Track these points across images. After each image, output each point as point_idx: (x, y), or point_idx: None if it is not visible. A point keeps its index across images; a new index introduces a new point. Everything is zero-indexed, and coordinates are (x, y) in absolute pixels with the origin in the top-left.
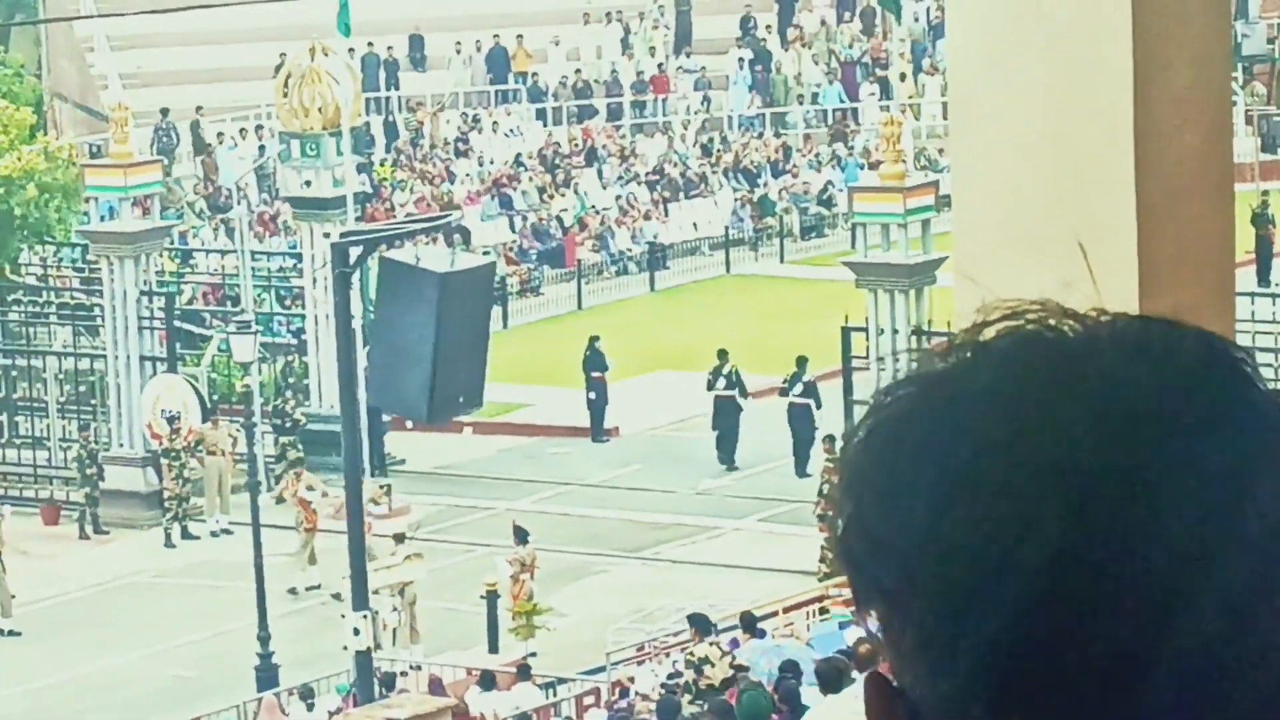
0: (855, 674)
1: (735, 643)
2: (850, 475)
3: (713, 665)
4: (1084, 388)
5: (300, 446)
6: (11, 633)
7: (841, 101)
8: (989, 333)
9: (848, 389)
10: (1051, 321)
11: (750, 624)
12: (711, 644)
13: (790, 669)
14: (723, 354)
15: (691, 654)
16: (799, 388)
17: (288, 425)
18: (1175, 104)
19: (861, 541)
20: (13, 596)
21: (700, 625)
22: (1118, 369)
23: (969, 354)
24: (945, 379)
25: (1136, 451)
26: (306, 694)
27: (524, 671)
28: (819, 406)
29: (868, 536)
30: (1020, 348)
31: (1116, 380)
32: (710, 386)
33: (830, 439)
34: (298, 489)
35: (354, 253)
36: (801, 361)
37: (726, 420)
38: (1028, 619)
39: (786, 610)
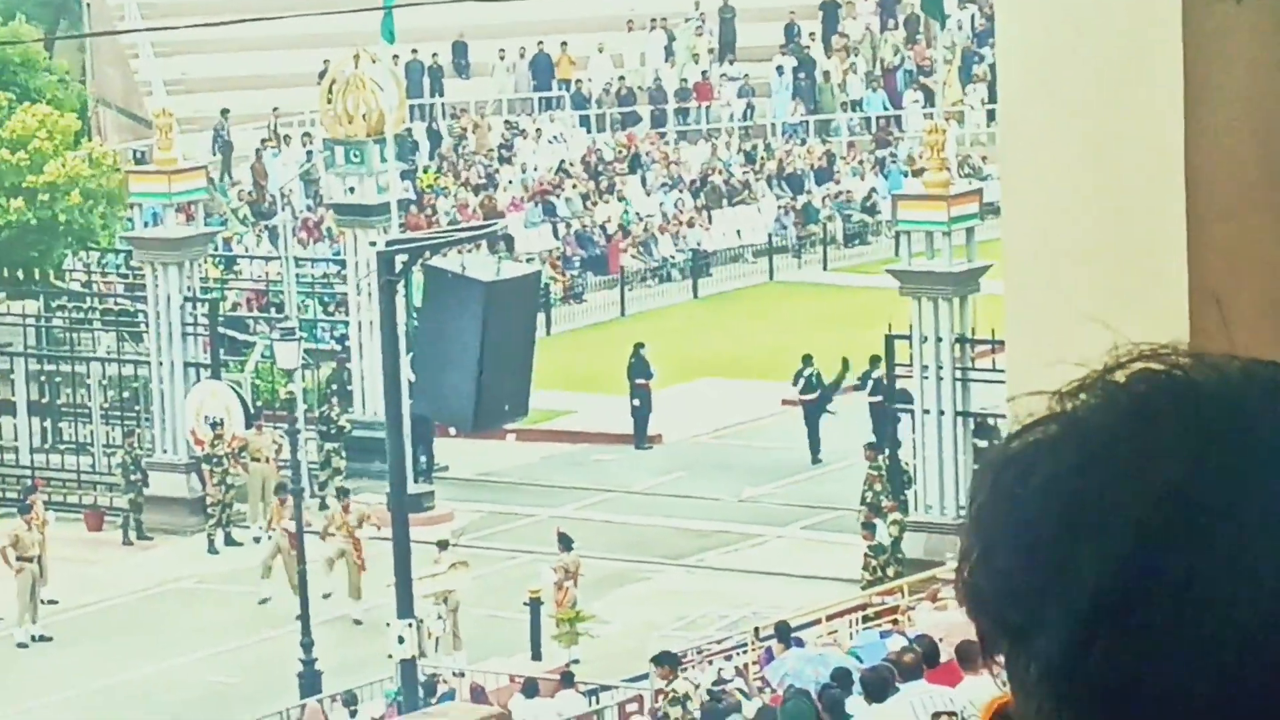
0: (900, 684)
1: (770, 653)
2: (977, 517)
3: (692, 700)
4: (1214, 428)
5: (344, 453)
6: (42, 637)
7: (885, 108)
8: (1119, 375)
9: (892, 397)
10: (1183, 364)
11: (785, 634)
12: (684, 678)
13: (840, 678)
14: (807, 358)
15: (673, 690)
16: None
17: (332, 432)
18: (1226, 115)
19: (990, 580)
20: (54, 601)
21: (669, 662)
22: (1248, 410)
23: (1100, 395)
24: (1074, 421)
25: (1265, 487)
26: (350, 700)
27: (567, 679)
28: (890, 401)
29: (996, 574)
30: (1152, 390)
31: (1246, 420)
32: (798, 388)
33: (873, 446)
34: (346, 521)
35: (399, 261)
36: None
37: (812, 421)
38: (1154, 650)
39: (829, 618)
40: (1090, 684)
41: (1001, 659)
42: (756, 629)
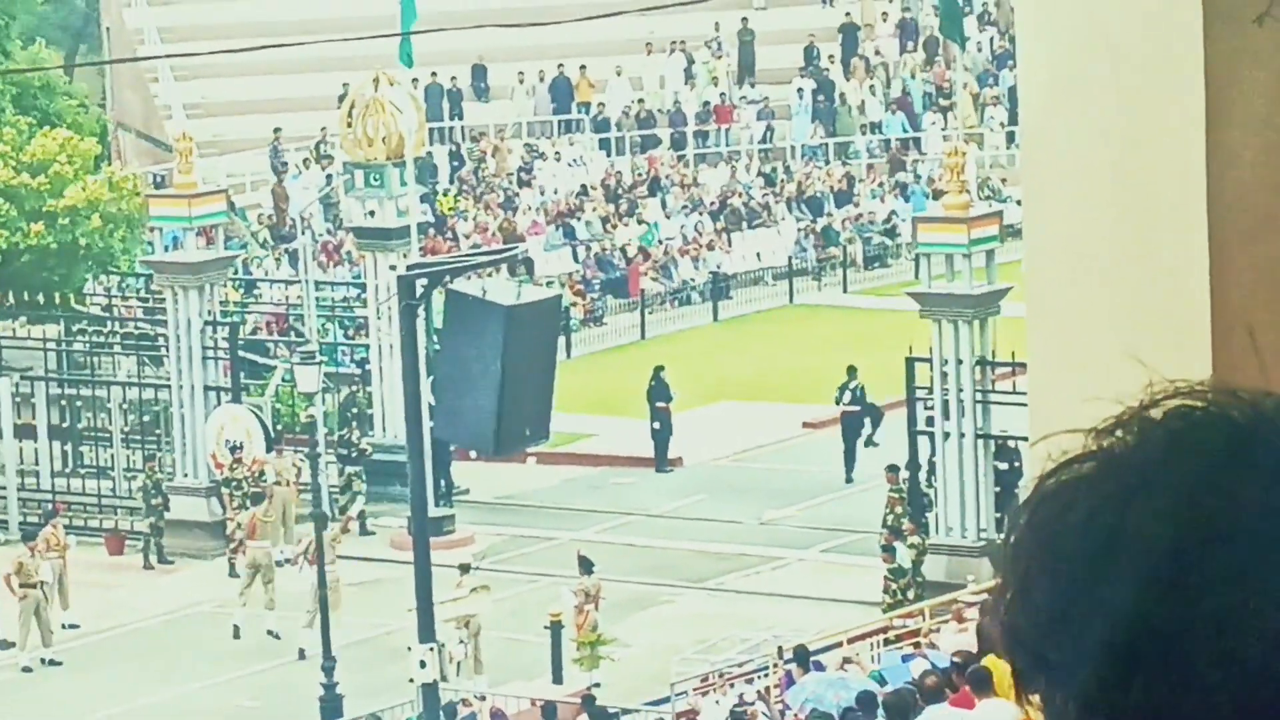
0: (923, 705)
1: (790, 677)
2: (1015, 554)
3: None
4: (1251, 462)
5: (364, 477)
6: (51, 662)
7: (905, 131)
8: (1155, 412)
9: (912, 420)
10: (1218, 399)
11: (803, 658)
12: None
13: (864, 702)
14: (851, 370)
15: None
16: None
17: (353, 455)
18: (1247, 139)
19: (1027, 617)
20: (75, 626)
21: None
22: None
23: (1136, 433)
24: (1112, 458)
25: None
26: None
27: (588, 702)
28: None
29: (1034, 611)
30: (1189, 426)
31: None
32: (838, 402)
33: (894, 469)
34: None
35: (420, 285)
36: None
37: (850, 436)
38: (1194, 685)
39: (850, 641)
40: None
41: (1037, 697)
42: (780, 649)
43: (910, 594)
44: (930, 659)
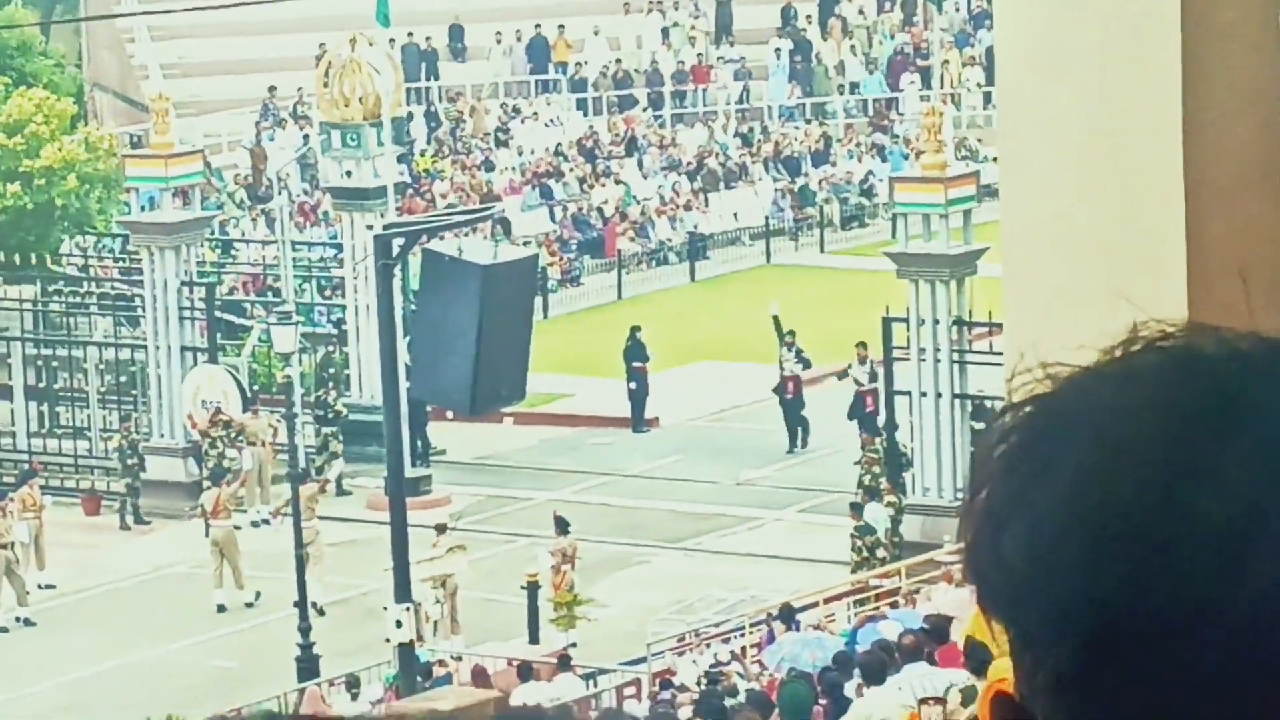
0: (901, 664)
1: (771, 635)
2: (992, 502)
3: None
4: (1242, 425)
5: (341, 437)
6: (26, 621)
7: (882, 91)
8: (1135, 352)
9: (889, 380)
10: (1199, 343)
11: (788, 616)
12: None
13: (841, 661)
14: (789, 334)
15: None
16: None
17: (329, 416)
18: (1225, 98)
19: (1002, 581)
20: (51, 586)
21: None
22: (1268, 395)
23: (1118, 377)
24: (1095, 404)
25: None
26: (353, 684)
27: (564, 662)
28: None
29: (1010, 577)
30: (1170, 365)
31: (1271, 409)
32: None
33: (867, 429)
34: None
35: (396, 245)
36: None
37: (794, 407)
38: (1180, 654)
39: (827, 601)
40: (1110, 701)
41: (1009, 645)
42: (769, 613)
43: (880, 553)
44: (902, 622)
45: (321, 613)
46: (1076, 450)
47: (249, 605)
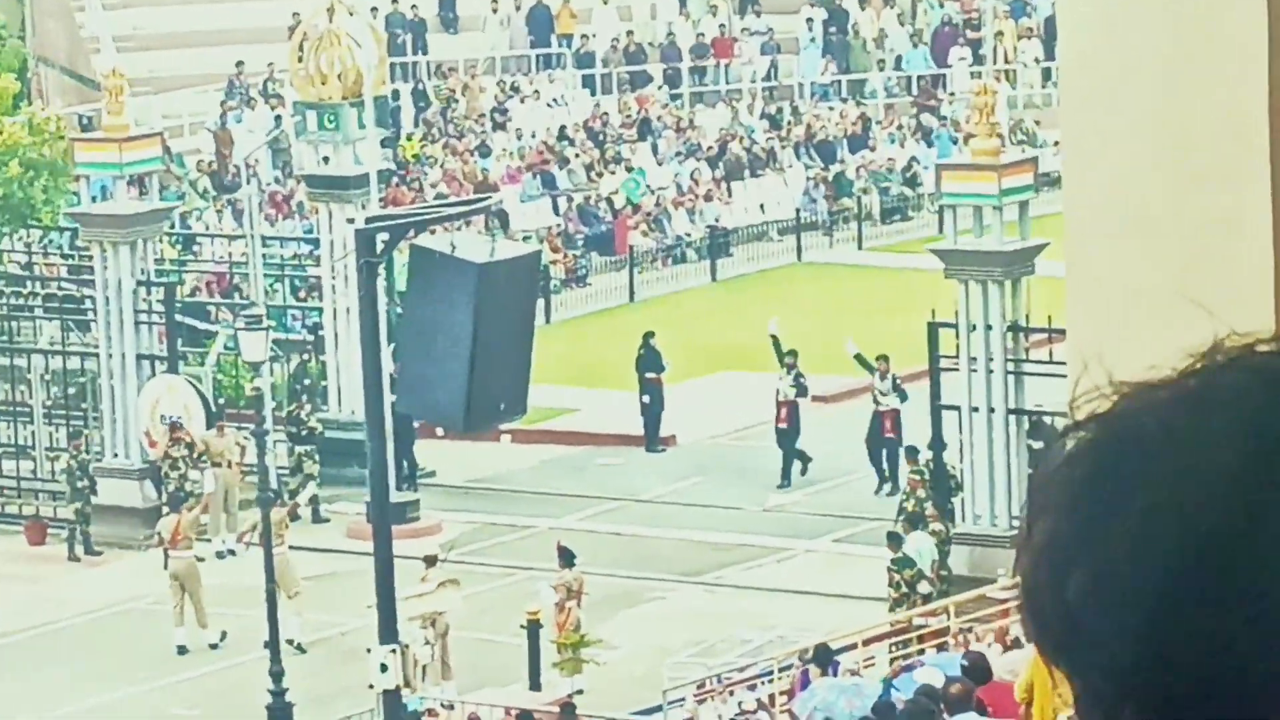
0: (946, 717)
1: (805, 680)
2: (1055, 538)
3: None
4: None
5: (317, 457)
6: None
7: (928, 67)
8: (1218, 372)
9: (935, 393)
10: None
11: (824, 658)
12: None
13: (883, 711)
14: (791, 354)
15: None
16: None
17: (304, 433)
18: None
19: (1065, 630)
20: None
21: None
22: None
23: (1196, 376)
24: (1170, 429)
25: None
26: None
27: (568, 711)
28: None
29: (1074, 625)
30: (1253, 372)
31: None
32: (780, 395)
33: (913, 451)
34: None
35: (380, 240)
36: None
37: (789, 437)
38: (1257, 662)
39: (866, 642)
40: None
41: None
42: (801, 656)
43: (921, 588)
44: (942, 665)
45: (302, 650)
46: (1150, 484)
47: (213, 646)
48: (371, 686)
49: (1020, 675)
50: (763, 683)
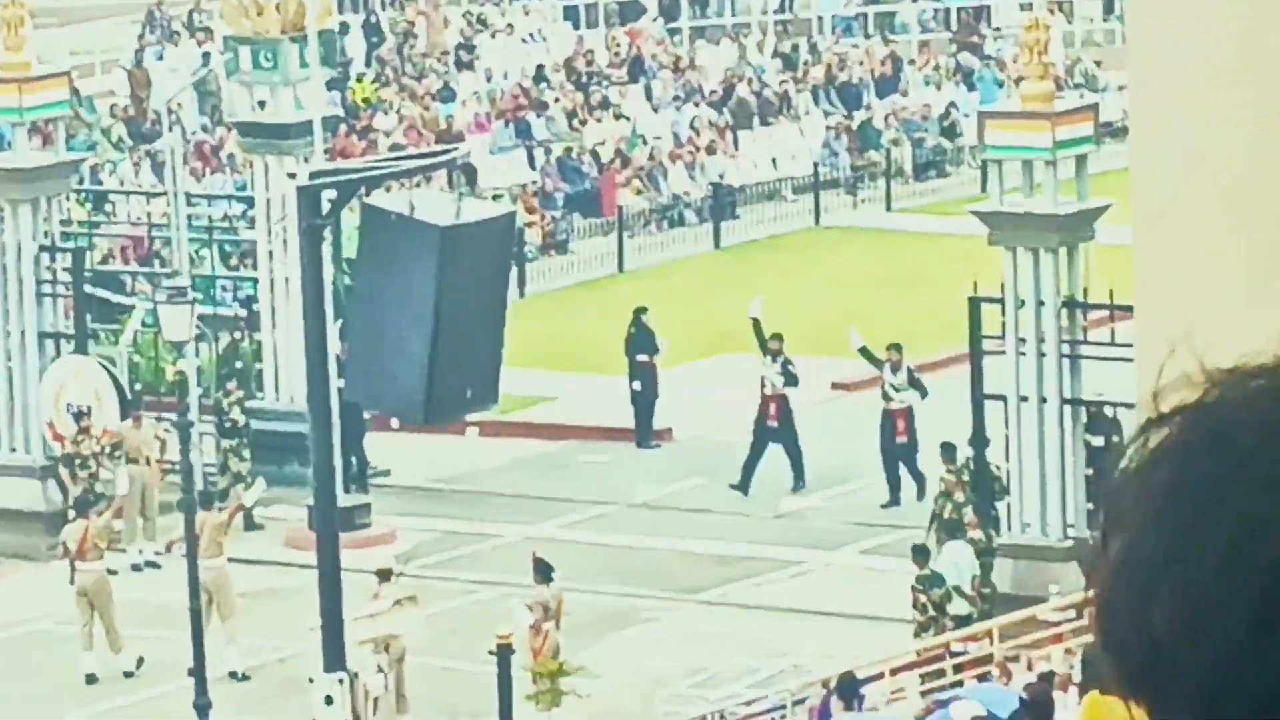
0: None
1: (826, 714)
2: (1136, 555)
3: None
4: None
5: (246, 454)
6: None
7: None
8: None
9: (976, 380)
10: None
11: (849, 689)
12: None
13: None
14: (775, 338)
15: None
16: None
17: (235, 425)
18: None
19: (1148, 659)
20: None
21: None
22: None
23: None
24: (1270, 426)
25: None
26: None
27: None
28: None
29: (1157, 654)
30: None
31: None
32: (765, 384)
33: (950, 449)
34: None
35: (326, 199)
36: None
37: (776, 437)
38: None
39: (894, 672)
40: None
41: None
42: (826, 683)
43: (951, 608)
44: (983, 699)
45: (245, 678)
46: (1247, 492)
47: (129, 675)
48: None
49: None
50: (773, 719)
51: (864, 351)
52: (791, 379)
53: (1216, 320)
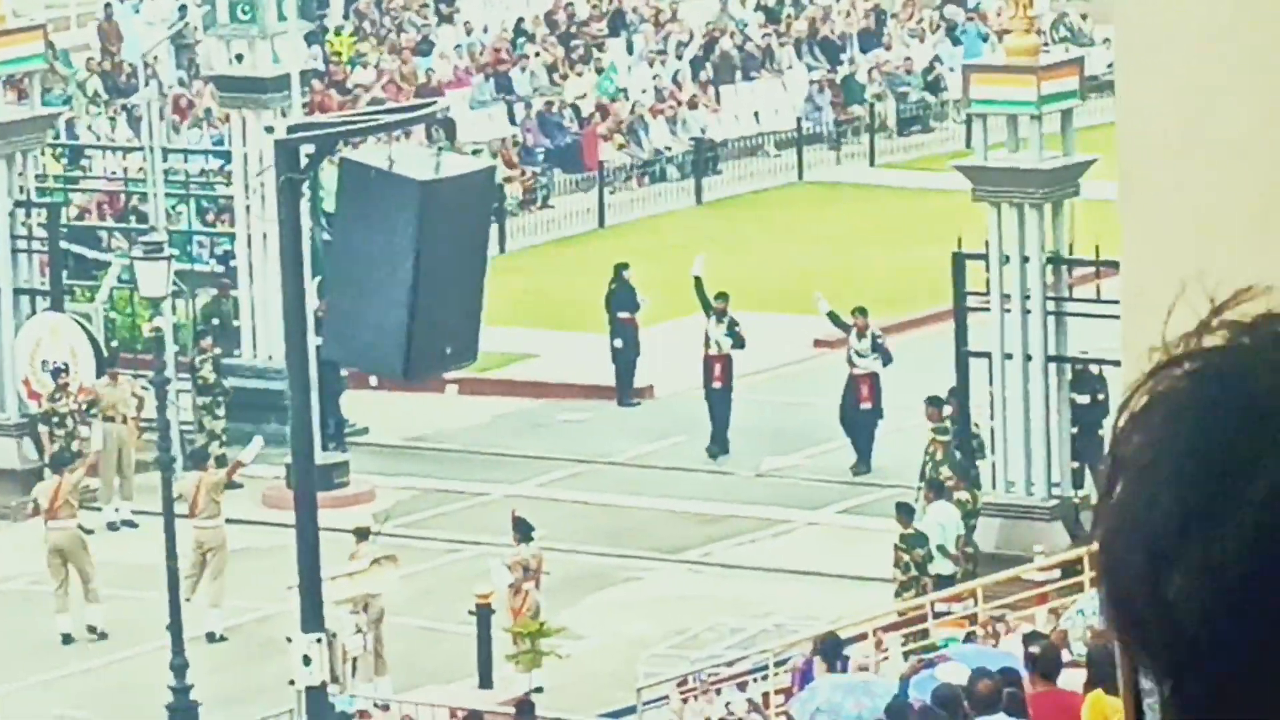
0: (972, 715)
1: (809, 674)
2: (1152, 523)
3: None
4: None
5: (221, 412)
6: None
7: None
8: None
9: (961, 337)
10: None
11: (832, 651)
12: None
13: (897, 712)
14: (719, 298)
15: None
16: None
17: (212, 382)
18: None
19: (1166, 634)
20: None
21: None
22: None
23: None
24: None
25: None
26: None
27: (526, 711)
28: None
29: (1177, 630)
30: None
31: None
32: (709, 343)
33: (936, 402)
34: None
35: (305, 153)
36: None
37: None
38: None
39: (879, 631)
40: None
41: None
42: (815, 641)
43: (932, 569)
44: (966, 660)
45: (221, 639)
46: (1275, 451)
47: (100, 636)
48: (292, 683)
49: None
50: (755, 680)
51: (831, 316)
52: (738, 341)
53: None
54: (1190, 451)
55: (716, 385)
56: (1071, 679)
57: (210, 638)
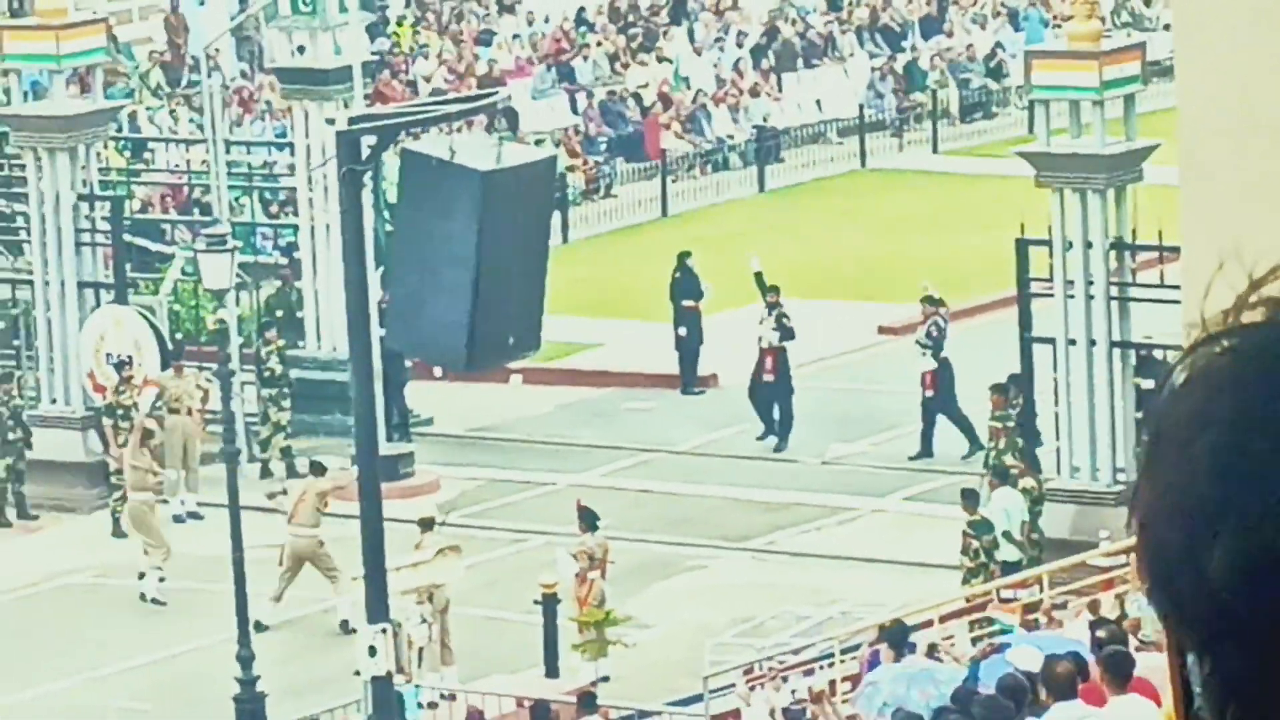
0: (1048, 700)
1: (876, 661)
2: (1191, 500)
3: None
4: None
5: (286, 403)
6: None
7: None
8: None
9: (1024, 322)
10: None
11: (898, 638)
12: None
13: (964, 700)
14: (774, 291)
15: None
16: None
17: (269, 375)
18: None
19: (1207, 610)
20: None
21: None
22: None
23: None
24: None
25: None
26: None
27: (588, 701)
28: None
29: (1217, 605)
30: None
31: None
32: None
33: (1001, 389)
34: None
35: (366, 144)
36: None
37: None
38: None
39: (944, 619)
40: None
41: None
42: (882, 628)
43: (999, 555)
44: (1039, 644)
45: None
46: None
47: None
48: (358, 673)
49: None
50: (822, 667)
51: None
52: (787, 333)
53: (1263, 261)
54: (1229, 427)
55: (769, 378)
56: (1145, 663)
57: (344, 626)
